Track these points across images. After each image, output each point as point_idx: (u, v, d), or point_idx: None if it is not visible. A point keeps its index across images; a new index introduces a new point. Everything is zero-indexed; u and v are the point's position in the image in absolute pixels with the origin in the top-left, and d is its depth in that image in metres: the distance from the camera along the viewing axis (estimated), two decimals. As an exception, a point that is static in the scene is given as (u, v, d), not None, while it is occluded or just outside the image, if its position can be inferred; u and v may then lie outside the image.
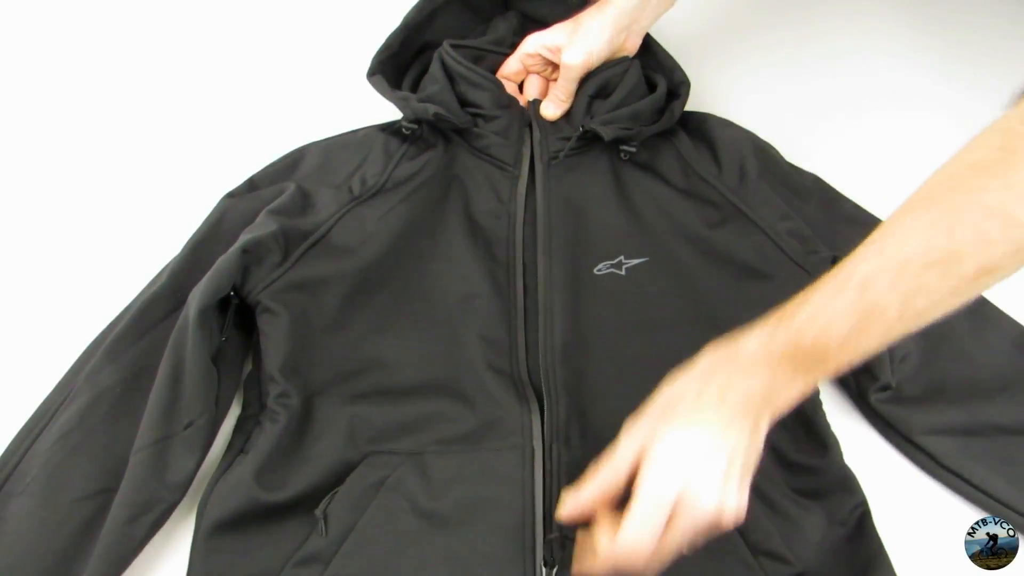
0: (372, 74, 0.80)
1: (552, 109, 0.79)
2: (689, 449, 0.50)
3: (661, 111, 0.81)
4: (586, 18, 0.78)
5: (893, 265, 0.50)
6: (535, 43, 0.80)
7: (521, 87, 0.84)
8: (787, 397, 0.53)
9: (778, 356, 0.51)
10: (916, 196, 0.52)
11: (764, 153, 0.81)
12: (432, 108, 0.75)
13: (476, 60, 0.82)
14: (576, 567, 0.55)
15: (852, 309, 0.50)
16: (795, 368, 0.52)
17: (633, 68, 0.80)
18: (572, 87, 0.79)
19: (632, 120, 0.78)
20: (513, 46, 0.83)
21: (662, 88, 0.81)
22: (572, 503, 0.53)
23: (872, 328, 0.50)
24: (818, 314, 0.51)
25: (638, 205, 0.78)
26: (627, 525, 0.49)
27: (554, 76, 0.81)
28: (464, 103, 0.79)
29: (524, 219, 0.75)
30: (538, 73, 0.82)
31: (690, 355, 0.67)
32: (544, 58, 0.80)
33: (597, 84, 0.79)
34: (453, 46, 0.80)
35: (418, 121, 0.78)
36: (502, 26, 0.87)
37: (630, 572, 0.51)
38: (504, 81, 0.81)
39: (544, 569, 0.62)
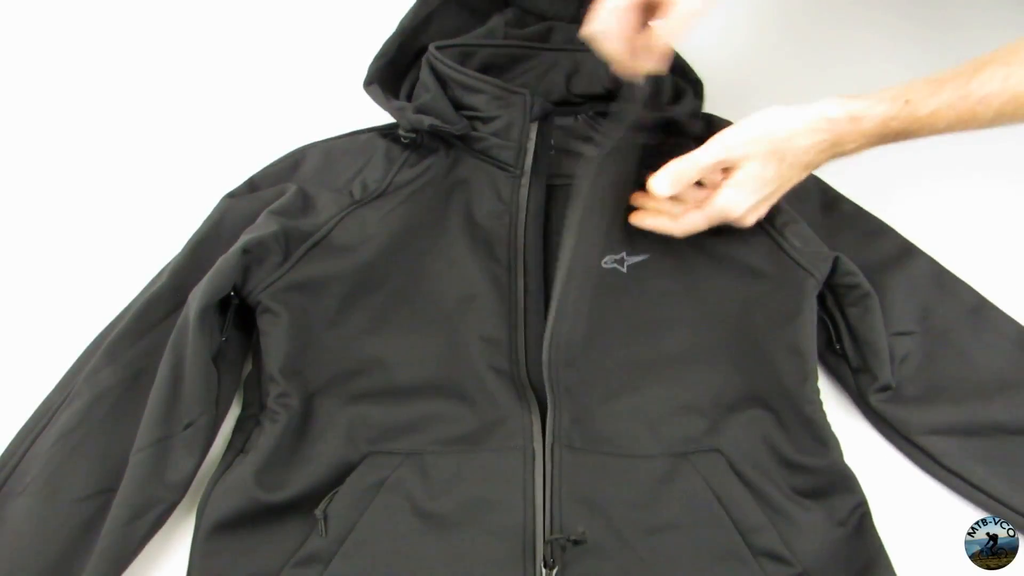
0: (369, 83, 0.79)
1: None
2: (759, 186, 0.68)
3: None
4: None
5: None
6: None
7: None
8: (846, 155, 0.69)
9: (882, 136, 0.66)
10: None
11: None
12: (427, 121, 0.75)
13: (467, 57, 0.80)
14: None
15: (959, 118, 0.64)
16: (878, 143, 0.67)
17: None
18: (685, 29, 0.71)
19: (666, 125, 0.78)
20: (505, 37, 0.83)
21: (690, 95, 0.79)
22: (666, 180, 0.68)
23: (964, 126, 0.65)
24: (937, 112, 0.64)
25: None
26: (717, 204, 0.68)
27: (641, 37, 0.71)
28: (459, 106, 0.78)
29: (526, 219, 0.75)
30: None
31: (690, 354, 0.67)
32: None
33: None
34: (439, 48, 0.79)
35: (416, 130, 0.77)
36: (497, 21, 0.85)
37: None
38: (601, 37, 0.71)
39: (545, 570, 0.62)
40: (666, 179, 0.68)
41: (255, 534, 0.64)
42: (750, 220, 0.71)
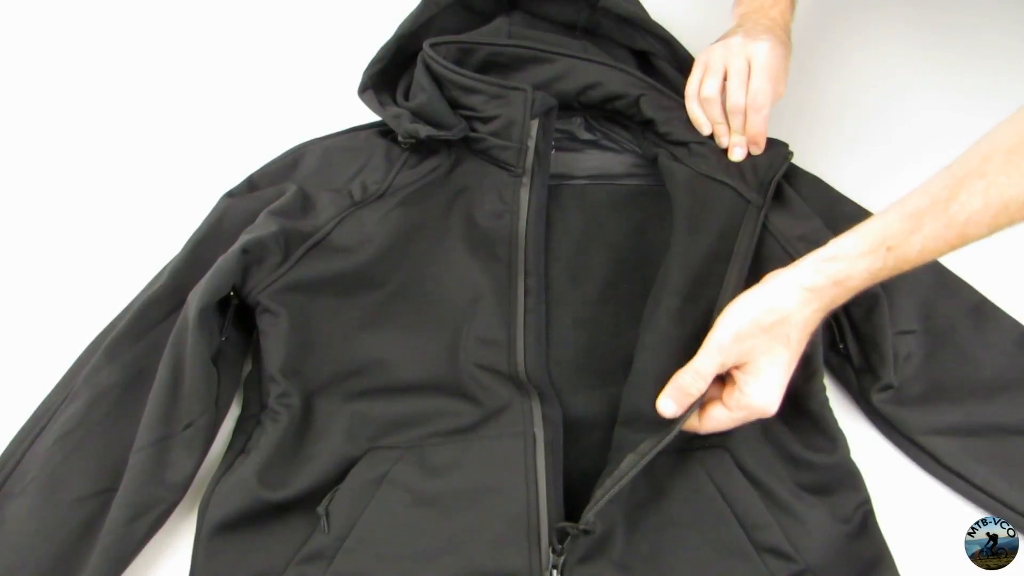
0: (363, 90, 0.79)
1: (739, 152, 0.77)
2: (779, 375, 0.62)
3: None
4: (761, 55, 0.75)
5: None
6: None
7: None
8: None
9: (869, 282, 0.61)
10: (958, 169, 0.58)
11: None
12: (424, 131, 0.74)
13: (466, 55, 0.80)
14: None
15: (950, 244, 0.59)
16: (844, 300, 0.63)
17: None
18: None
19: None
20: (509, 35, 0.82)
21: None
22: (670, 405, 0.63)
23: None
24: (924, 248, 0.59)
25: None
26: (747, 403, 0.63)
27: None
28: (457, 105, 0.78)
29: (527, 219, 0.75)
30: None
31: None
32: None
33: None
34: (434, 45, 0.78)
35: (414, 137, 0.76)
36: (501, 21, 0.85)
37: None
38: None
39: (552, 556, 0.62)
40: (671, 400, 0.63)
41: (258, 533, 0.64)
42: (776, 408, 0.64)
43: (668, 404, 0.63)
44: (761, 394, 0.62)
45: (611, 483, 0.61)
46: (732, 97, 0.76)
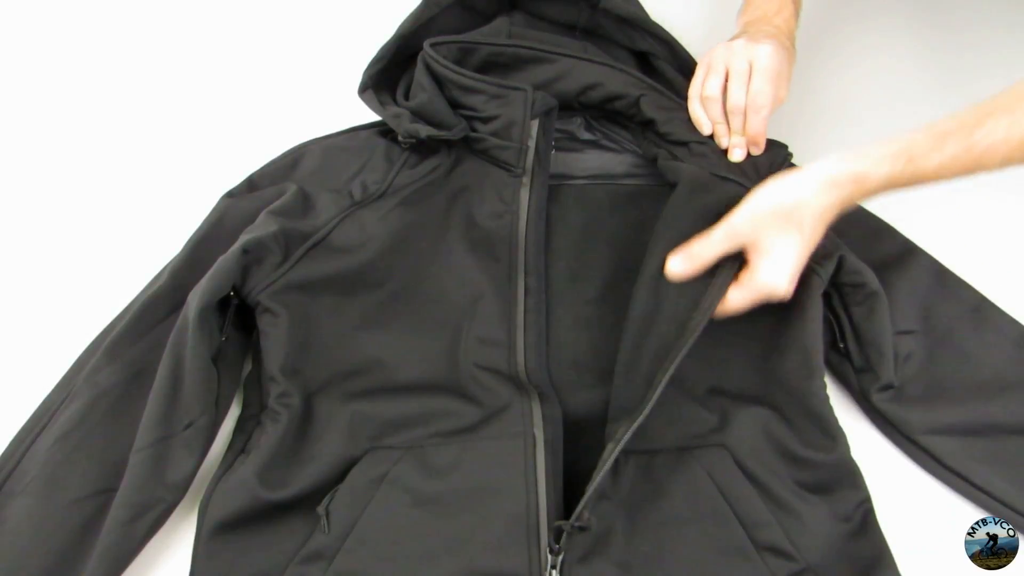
0: (363, 89, 0.79)
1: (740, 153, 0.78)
2: (790, 258, 0.66)
3: None
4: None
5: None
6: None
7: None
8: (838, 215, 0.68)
9: (886, 189, 0.65)
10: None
11: None
12: (424, 131, 0.74)
13: (466, 54, 0.80)
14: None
15: (963, 168, 0.64)
16: (859, 200, 0.68)
17: None
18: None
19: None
20: (510, 36, 0.82)
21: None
22: (680, 264, 0.68)
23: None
24: (941, 167, 0.64)
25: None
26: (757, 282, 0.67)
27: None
28: (457, 105, 0.77)
29: (527, 219, 0.75)
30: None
31: (695, 351, 0.66)
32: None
33: None
34: (434, 45, 0.78)
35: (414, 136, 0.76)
36: (502, 21, 0.85)
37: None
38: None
39: (550, 556, 0.62)
40: (680, 260, 0.68)
41: (258, 533, 0.64)
42: (790, 290, 0.68)
43: (677, 263, 0.68)
44: (771, 273, 0.66)
45: (596, 474, 0.62)
46: (733, 97, 0.76)
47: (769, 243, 0.66)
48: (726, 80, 0.77)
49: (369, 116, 0.82)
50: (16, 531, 0.62)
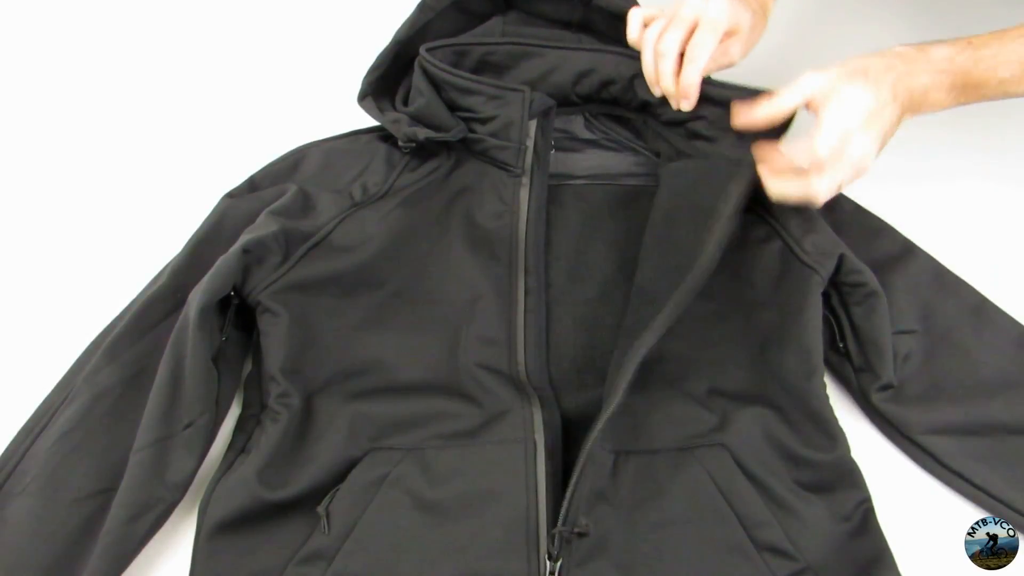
0: (363, 97, 0.79)
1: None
2: (859, 109, 0.66)
3: None
4: None
5: None
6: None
7: None
8: (931, 106, 0.68)
9: (951, 73, 0.67)
10: None
11: None
12: (423, 134, 0.74)
13: (461, 57, 0.80)
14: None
15: (1020, 64, 0.66)
16: (952, 88, 0.68)
17: None
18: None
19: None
20: (503, 34, 0.82)
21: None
22: (746, 113, 0.70)
23: None
24: (999, 54, 0.67)
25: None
26: (818, 143, 0.66)
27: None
28: (455, 107, 0.77)
29: (527, 219, 0.75)
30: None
31: (695, 350, 0.66)
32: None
33: None
34: (430, 49, 0.78)
35: (414, 140, 0.76)
36: (496, 21, 0.85)
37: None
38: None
39: (549, 563, 0.62)
40: (757, 111, 0.69)
41: (258, 533, 0.64)
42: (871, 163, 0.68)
43: (742, 114, 0.70)
44: (838, 120, 0.65)
45: (575, 469, 0.63)
46: (664, 41, 0.72)
47: (839, 98, 0.66)
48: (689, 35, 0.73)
49: (370, 120, 0.82)
50: (16, 531, 0.62)
